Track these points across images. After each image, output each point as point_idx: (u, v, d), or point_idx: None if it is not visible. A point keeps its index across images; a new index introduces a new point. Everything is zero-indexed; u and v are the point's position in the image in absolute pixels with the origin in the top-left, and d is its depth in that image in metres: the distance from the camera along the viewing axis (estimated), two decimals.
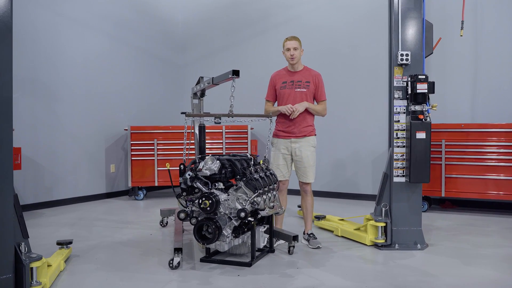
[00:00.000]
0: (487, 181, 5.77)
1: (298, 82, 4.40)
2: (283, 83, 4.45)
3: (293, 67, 4.45)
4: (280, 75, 4.53)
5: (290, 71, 4.49)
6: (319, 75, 4.47)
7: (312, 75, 4.44)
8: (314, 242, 4.28)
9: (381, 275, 3.52)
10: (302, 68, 4.48)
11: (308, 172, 4.40)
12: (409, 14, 4.21)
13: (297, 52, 4.35)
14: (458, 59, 6.52)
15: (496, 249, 4.26)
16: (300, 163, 4.41)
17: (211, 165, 3.67)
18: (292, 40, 4.36)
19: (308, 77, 4.42)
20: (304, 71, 4.47)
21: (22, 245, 3.01)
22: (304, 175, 4.41)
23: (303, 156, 4.38)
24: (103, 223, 5.42)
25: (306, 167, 4.39)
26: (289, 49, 4.36)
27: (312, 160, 4.42)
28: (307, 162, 4.38)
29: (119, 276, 3.49)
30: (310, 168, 4.41)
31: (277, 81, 4.51)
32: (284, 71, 4.53)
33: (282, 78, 4.48)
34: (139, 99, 7.97)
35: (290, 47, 4.35)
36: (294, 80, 4.42)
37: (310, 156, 4.40)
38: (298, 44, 4.37)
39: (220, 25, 8.54)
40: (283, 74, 4.52)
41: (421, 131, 4.02)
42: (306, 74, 4.44)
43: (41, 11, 6.35)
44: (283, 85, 4.44)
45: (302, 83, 4.39)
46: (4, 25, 2.87)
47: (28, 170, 6.15)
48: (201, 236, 3.56)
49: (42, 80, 6.37)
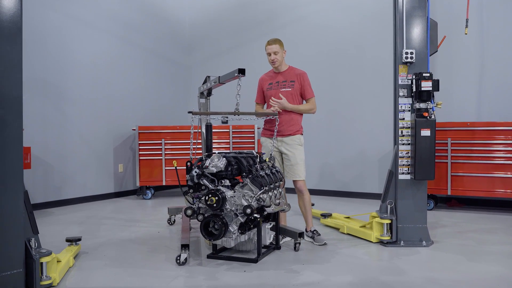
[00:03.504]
0: (494, 179, 5.76)
1: (283, 82, 4.48)
2: (269, 85, 4.56)
3: (277, 69, 4.55)
4: (266, 77, 4.66)
5: (275, 72, 4.59)
6: (304, 73, 4.52)
7: (296, 74, 4.50)
8: (319, 239, 4.31)
9: (386, 271, 3.54)
10: (287, 68, 4.56)
11: (297, 169, 4.43)
12: (414, 13, 4.23)
13: (278, 55, 4.43)
14: (465, 58, 6.51)
15: (501, 246, 4.26)
16: (288, 161, 4.45)
17: (217, 162, 3.72)
18: (272, 45, 4.43)
19: (293, 77, 4.49)
20: (288, 71, 4.54)
21: (32, 240, 3.08)
22: (293, 172, 4.44)
23: (289, 154, 4.43)
24: (111, 222, 5.49)
25: (294, 164, 4.42)
26: (269, 54, 4.45)
27: (299, 157, 4.45)
28: (294, 160, 4.42)
29: (127, 272, 3.55)
30: (297, 166, 4.43)
31: (263, 84, 4.63)
32: (270, 73, 4.65)
33: (268, 80, 4.60)
34: (146, 99, 8.05)
35: (270, 51, 4.44)
36: (279, 81, 4.51)
37: (297, 154, 4.44)
38: (279, 47, 4.44)
39: (227, 26, 8.60)
40: (269, 76, 4.63)
41: (425, 128, 4.05)
42: (290, 73, 4.52)
43: (51, 14, 6.46)
44: (269, 87, 4.55)
45: (287, 82, 4.47)
46: (14, 26, 2.94)
47: (38, 170, 6.25)
48: (207, 232, 3.61)
49: (51, 81, 6.47)
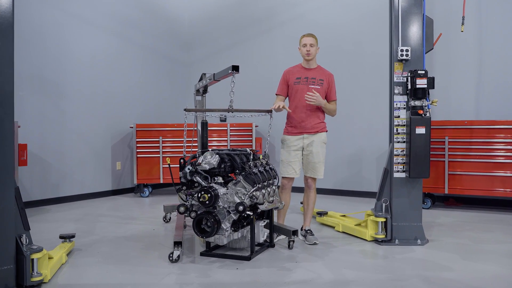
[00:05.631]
0: (492, 178, 5.73)
1: (313, 79, 4.41)
2: (297, 79, 4.45)
3: (308, 64, 4.47)
4: (294, 71, 4.54)
5: (304, 67, 4.49)
6: (332, 75, 4.51)
7: (326, 74, 4.47)
8: (311, 238, 4.28)
9: (379, 269, 3.53)
10: (316, 66, 4.51)
11: (318, 168, 4.41)
12: (410, 10, 4.21)
13: (313, 48, 4.37)
14: (462, 56, 6.48)
15: (497, 245, 4.24)
16: (311, 159, 4.40)
17: (210, 159, 3.71)
18: (309, 37, 4.39)
19: (322, 76, 4.44)
20: (318, 69, 4.50)
21: (23, 237, 3.06)
22: (314, 170, 4.41)
23: (314, 151, 4.38)
24: (108, 219, 5.48)
25: (316, 162, 4.39)
26: (305, 45, 4.37)
27: (322, 156, 4.43)
28: (317, 158, 4.39)
29: (119, 269, 3.55)
30: (320, 164, 4.41)
31: (290, 77, 4.50)
32: (298, 68, 4.54)
33: (296, 74, 4.49)
34: (145, 97, 8.04)
35: (306, 43, 4.37)
36: (308, 77, 4.42)
37: (321, 152, 4.41)
38: (315, 41, 4.39)
39: (226, 24, 8.58)
40: (297, 70, 4.52)
41: (420, 126, 4.03)
42: (320, 72, 4.47)
43: (48, 10, 6.43)
44: (297, 81, 4.44)
45: (316, 80, 4.41)
46: (5, 21, 2.94)
47: (35, 167, 6.24)
48: (200, 229, 3.60)
49: (49, 78, 6.46)
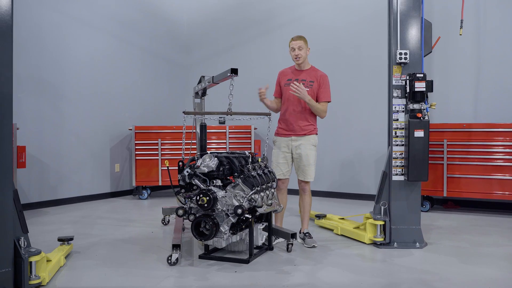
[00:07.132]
0: (492, 181, 5.73)
1: (302, 80, 4.40)
2: (287, 80, 4.47)
3: (300, 66, 4.47)
4: (286, 72, 4.56)
5: (296, 69, 4.51)
6: (325, 76, 4.45)
7: (317, 75, 4.43)
8: (309, 241, 4.28)
9: (378, 272, 3.53)
10: (309, 67, 4.50)
11: (308, 170, 4.40)
12: (408, 13, 4.22)
13: (302, 51, 4.36)
14: (461, 59, 6.49)
15: (496, 248, 4.24)
16: (300, 162, 4.41)
17: (209, 162, 3.71)
18: (297, 40, 4.37)
19: (313, 77, 4.42)
20: (310, 70, 4.48)
21: (22, 239, 3.06)
22: (303, 173, 4.41)
23: (302, 154, 4.38)
24: (106, 221, 5.47)
25: (306, 165, 4.39)
26: (293, 48, 4.37)
27: (312, 159, 4.41)
28: (306, 161, 4.38)
29: (117, 272, 3.54)
30: (309, 167, 4.40)
31: (282, 78, 4.54)
32: (290, 69, 4.56)
33: (287, 76, 4.51)
34: (143, 99, 8.04)
35: (294, 46, 4.36)
36: (298, 79, 4.43)
37: (310, 155, 4.39)
38: (304, 44, 4.37)
39: (224, 26, 8.59)
40: (289, 72, 4.55)
41: (419, 129, 4.03)
42: (312, 73, 4.45)
43: (46, 12, 6.43)
44: (287, 82, 4.45)
45: (306, 82, 4.40)
46: (5, 24, 2.94)
47: (33, 169, 6.23)
48: (199, 232, 3.59)
49: (47, 80, 6.45)
